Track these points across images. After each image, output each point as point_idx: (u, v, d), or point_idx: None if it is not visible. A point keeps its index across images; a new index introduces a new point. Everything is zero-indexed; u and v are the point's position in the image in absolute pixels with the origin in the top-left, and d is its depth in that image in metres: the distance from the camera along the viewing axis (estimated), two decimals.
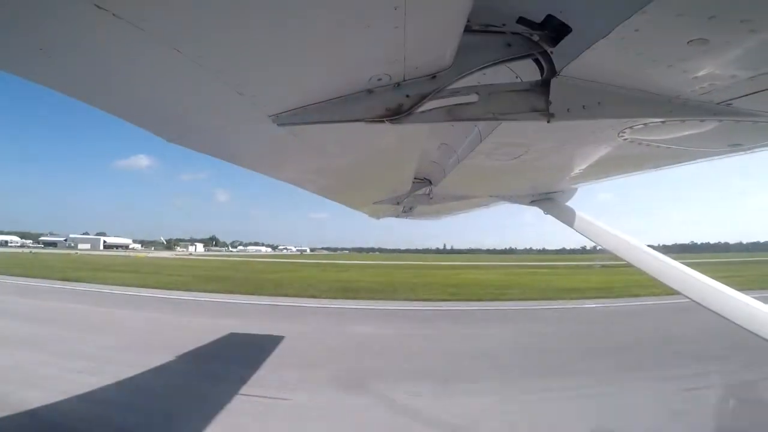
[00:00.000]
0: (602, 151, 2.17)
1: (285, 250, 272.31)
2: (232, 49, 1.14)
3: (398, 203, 5.43)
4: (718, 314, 2.22)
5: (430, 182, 4.32)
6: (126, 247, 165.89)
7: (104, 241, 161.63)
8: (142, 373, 7.79)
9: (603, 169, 2.75)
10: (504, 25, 1.39)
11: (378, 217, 8.08)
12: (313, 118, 1.50)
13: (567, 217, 3.41)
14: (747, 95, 1.35)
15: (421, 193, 4.79)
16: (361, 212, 6.94)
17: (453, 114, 1.49)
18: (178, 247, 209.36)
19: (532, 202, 3.86)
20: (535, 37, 1.38)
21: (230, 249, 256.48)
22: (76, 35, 1.02)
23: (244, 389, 7.06)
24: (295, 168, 2.82)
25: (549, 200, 3.70)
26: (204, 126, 1.85)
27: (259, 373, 7.96)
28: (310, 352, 9.68)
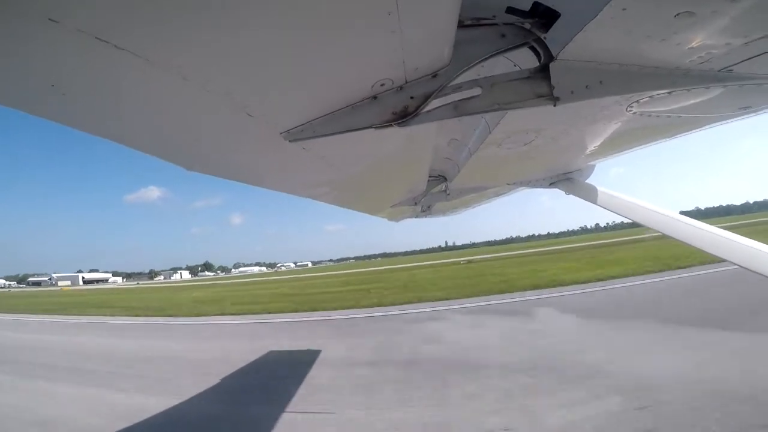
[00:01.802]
0: (613, 127, 2.16)
1: (282, 267, 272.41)
2: (237, 71, 1.18)
3: (416, 203, 5.45)
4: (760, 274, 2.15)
5: (445, 178, 4.33)
6: (105, 281, 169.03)
7: (83, 277, 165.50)
8: None
9: (617, 143, 2.71)
10: (494, 16, 1.42)
11: (397, 220, 8.10)
12: (322, 130, 1.55)
13: (589, 195, 3.36)
14: (745, 60, 1.36)
15: (437, 191, 4.81)
16: (380, 217, 6.98)
17: (459, 109, 1.52)
18: (161, 277, 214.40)
19: (552, 184, 3.83)
20: (527, 25, 1.40)
21: (218, 273, 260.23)
22: (84, 69, 1.04)
23: None
24: (310, 182, 2.88)
25: (568, 180, 3.66)
26: (218, 150, 1.90)
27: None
28: None
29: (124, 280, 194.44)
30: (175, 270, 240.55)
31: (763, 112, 2.00)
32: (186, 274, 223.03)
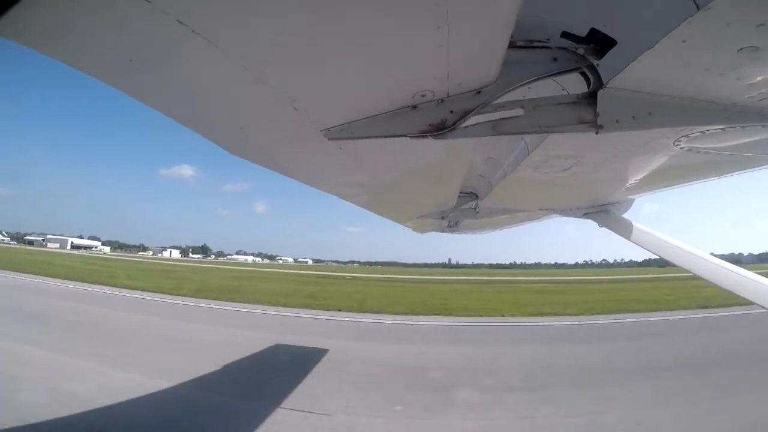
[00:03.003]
0: (658, 161, 2.08)
1: (280, 260, 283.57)
2: (290, 67, 1.23)
3: (443, 217, 5.42)
4: None
5: (477, 196, 4.29)
6: (91, 248, 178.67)
7: (71, 243, 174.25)
8: None
9: (661, 179, 2.61)
10: (548, 39, 1.41)
11: (422, 232, 8.07)
12: (360, 132, 1.58)
13: (624, 230, 3.25)
14: None
15: (467, 208, 4.76)
16: (406, 227, 6.98)
17: (498, 128, 1.52)
18: (150, 252, 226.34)
19: (586, 215, 3.72)
20: (581, 51, 1.39)
21: (210, 256, 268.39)
22: (161, 49, 1.12)
23: None
24: (343, 181, 2.93)
25: (605, 212, 3.55)
26: (263, 140, 1.97)
27: None
28: None
29: (110, 250, 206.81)
30: (164, 248, 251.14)
31: None
32: (176, 254, 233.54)
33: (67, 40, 1.07)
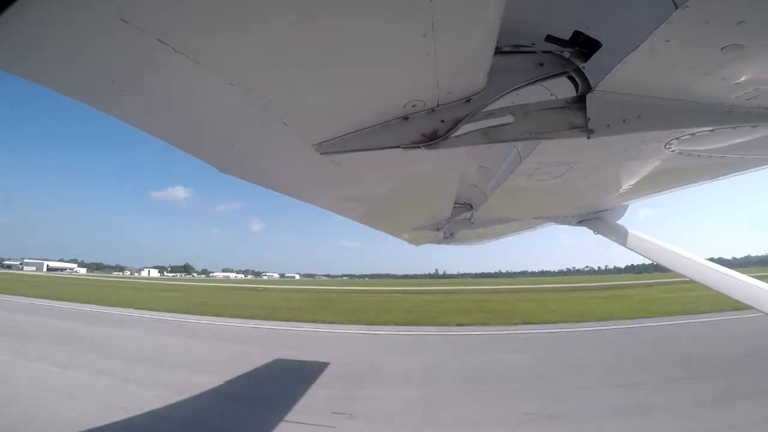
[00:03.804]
0: (650, 165, 2.08)
1: (265, 276, 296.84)
2: (279, 82, 1.22)
3: (438, 229, 5.40)
4: None
5: (471, 206, 4.28)
6: (65, 270, 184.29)
7: (47, 265, 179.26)
8: None
9: (654, 183, 2.61)
10: (533, 44, 1.41)
11: (418, 244, 8.04)
12: (353, 145, 1.57)
13: (619, 236, 3.24)
14: None
15: (462, 218, 4.75)
16: (401, 239, 6.95)
17: (489, 136, 1.51)
18: (128, 272, 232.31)
19: (580, 222, 3.72)
20: (566, 54, 1.39)
21: (192, 275, 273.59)
22: (143, 68, 1.10)
23: None
24: (337, 195, 2.91)
25: (599, 219, 3.55)
26: (253, 156, 1.95)
27: None
28: None
29: (87, 271, 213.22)
30: (141, 269, 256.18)
31: None
32: (154, 273, 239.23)
33: (46, 63, 1.05)
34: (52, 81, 1.14)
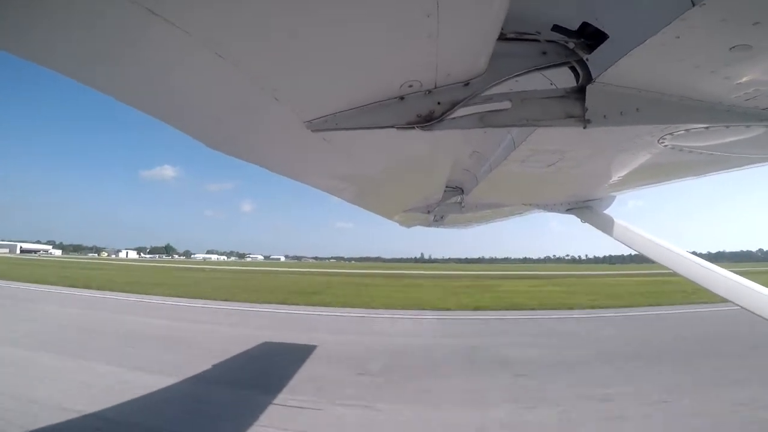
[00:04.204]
0: (642, 158, 2.10)
1: (249, 258, 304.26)
2: (270, 55, 1.18)
3: (429, 212, 5.43)
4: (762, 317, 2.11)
5: (462, 190, 4.30)
6: (38, 251, 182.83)
7: (20, 247, 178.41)
8: None
9: (643, 176, 2.65)
10: (539, 32, 1.39)
11: (408, 226, 8.09)
12: (345, 123, 1.54)
13: (605, 226, 3.31)
14: None
15: (452, 202, 4.78)
16: (393, 221, 6.97)
17: (485, 121, 1.50)
18: (105, 253, 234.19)
19: (569, 210, 3.77)
20: (571, 45, 1.37)
21: (172, 256, 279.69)
22: (129, 39, 1.07)
23: None
24: (328, 174, 2.88)
25: (587, 208, 3.60)
26: (242, 132, 1.91)
27: None
28: None
29: (62, 253, 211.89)
30: (118, 250, 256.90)
31: None
32: (132, 254, 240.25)
33: (32, 37, 1.02)
34: (35, 54, 1.10)
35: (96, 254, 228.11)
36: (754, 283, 2.28)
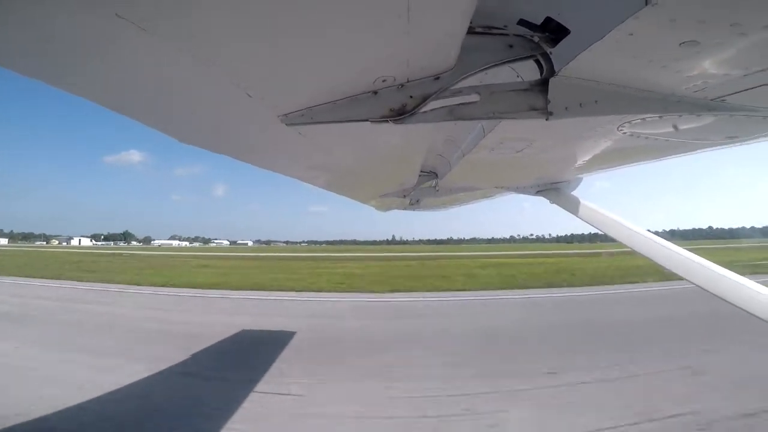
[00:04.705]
0: (604, 145, 2.21)
1: (213, 244, 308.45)
2: (241, 52, 1.18)
3: (405, 196, 5.49)
4: (719, 297, 2.28)
5: (437, 175, 4.37)
6: None
7: None
8: None
9: (606, 160, 2.78)
10: (506, 26, 1.43)
11: (385, 210, 8.14)
12: (320, 117, 1.55)
13: (572, 206, 3.45)
14: (739, 92, 1.38)
15: (427, 186, 4.85)
16: (369, 206, 7.00)
17: (455, 114, 1.54)
18: (55, 241, 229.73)
19: (538, 192, 3.90)
20: (536, 39, 1.42)
21: (129, 243, 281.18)
22: (92, 40, 1.06)
23: None
24: (303, 165, 2.87)
25: (555, 190, 3.74)
26: (214, 126, 1.90)
27: None
28: None
29: (8, 242, 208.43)
30: (71, 237, 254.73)
31: (748, 143, 2.08)
32: (86, 242, 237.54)
33: None
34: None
35: (45, 242, 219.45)
36: (708, 261, 2.44)
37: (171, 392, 6.68)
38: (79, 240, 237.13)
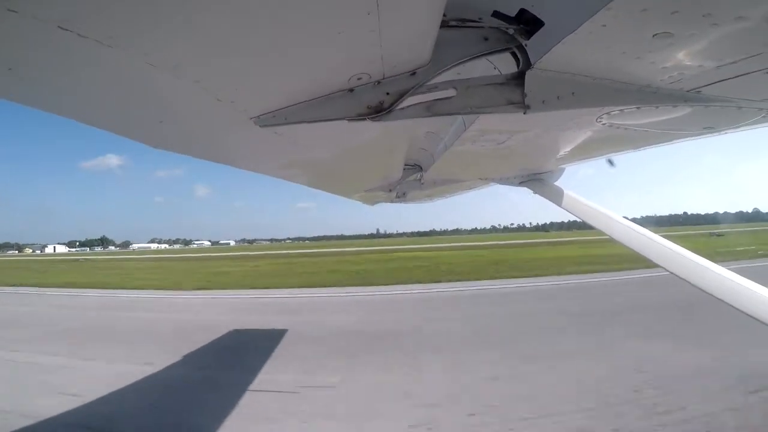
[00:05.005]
0: (584, 135, 2.21)
1: (194, 245, 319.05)
2: (207, 58, 1.14)
3: (390, 190, 5.48)
4: (692, 284, 2.32)
5: (421, 168, 4.35)
6: None
7: None
8: None
9: (587, 150, 2.79)
10: (480, 19, 1.40)
11: (372, 204, 8.11)
12: (295, 117, 1.51)
13: (555, 197, 3.47)
14: (715, 83, 1.38)
15: (412, 179, 4.83)
16: (354, 200, 6.97)
17: (432, 109, 1.52)
18: (29, 249, 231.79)
19: (521, 183, 3.92)
20: (511, 31, 1.39)
21: (106, 248, 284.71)
22: (46, 55, 1.02)
23: None
24: (282, 164, 2.82)
25: (538, 181, 3.75)
26: (186, 131, 1.85)
27: None
28: None
29: None
30: (44, 245, 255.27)
31: (725, 133, 2.10)
32: (61, 249, 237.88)
33: None
34: None
35: (17, 251, 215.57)
36: (685, 250, 2.47)
37: None
38: (54, 247, 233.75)
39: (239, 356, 9.15)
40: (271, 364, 8.27)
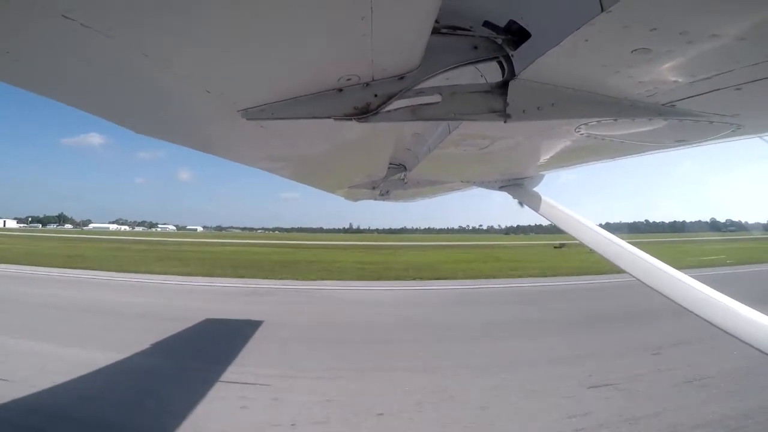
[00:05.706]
0: (563, 144, 2.29)
1: (159, 228, 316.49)
2: (199, 51, 1.15)
3: (374, 188, 5.49)
4: (659, 292, 2.43)
5: (405, 167, 4.38)
6: None
7: None
8: None
9: (566, 158, 2.88)
10: (471, 27, 1.44)
11: (355, 200, 8.11)
12: (282, 113, 1.52)
13: (533, 202, 3.55)
14: (688, 98, 1.45)
15: (396, 178, 4.86)
16: (337, 195, 6.95)
17: (417, 114, 1.55)
18: None
19: (501, 188, 4.00)
20: (499, 41, 1.44)
21: (63, 225, 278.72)
22: (46, 42, 1.03)
23: None
24: (266, 157, 2.82)
25: (517, 186, 3.84)
26: (171, 119, 1.84)
27: None
28: None
29: None
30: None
31: (697, 145, 2.20)
32: (11, 224, 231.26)
33: None
34: None
35: None
36: (654, 258, 2.58)
37: None
38: (4, 222, 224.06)
39: None
40: None
